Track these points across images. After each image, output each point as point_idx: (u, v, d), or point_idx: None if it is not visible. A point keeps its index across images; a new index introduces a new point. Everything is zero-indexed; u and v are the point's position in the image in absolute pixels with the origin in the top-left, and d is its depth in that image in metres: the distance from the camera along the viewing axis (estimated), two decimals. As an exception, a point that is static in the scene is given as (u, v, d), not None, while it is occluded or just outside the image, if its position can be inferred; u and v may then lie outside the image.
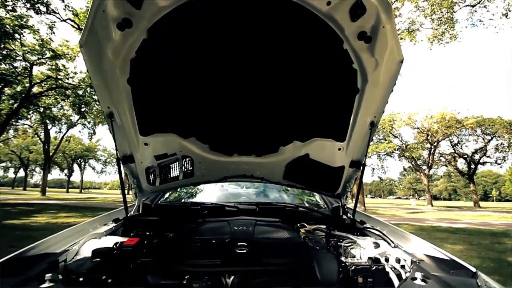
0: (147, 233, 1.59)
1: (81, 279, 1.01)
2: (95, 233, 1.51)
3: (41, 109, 18.85)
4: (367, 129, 1.64)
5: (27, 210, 11.72)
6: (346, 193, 2.08)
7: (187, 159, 1.92)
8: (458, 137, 27.41)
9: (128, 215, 1.86)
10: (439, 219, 12.99)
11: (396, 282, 1.16)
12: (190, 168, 1.98)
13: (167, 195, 2.71)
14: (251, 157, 1.89)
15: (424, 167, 27.57)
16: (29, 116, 20.95)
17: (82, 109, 18.44)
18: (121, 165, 1.77)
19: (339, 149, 1.78)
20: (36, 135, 27.02)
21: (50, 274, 1.01)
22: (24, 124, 23.34)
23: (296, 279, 0.98)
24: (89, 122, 22.35)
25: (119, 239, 1.42)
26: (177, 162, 1.92)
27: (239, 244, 1.24)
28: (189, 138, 1.76)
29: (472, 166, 28.01)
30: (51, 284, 0.98)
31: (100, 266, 1.10)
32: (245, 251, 1.19)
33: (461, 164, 29.49)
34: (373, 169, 30.69)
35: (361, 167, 1.84)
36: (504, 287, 0.99)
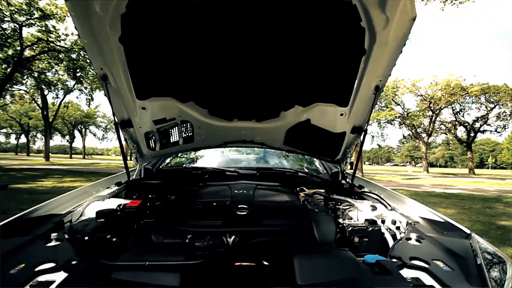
0: (149, 196, 1.62)
1: (86, 238, 1.04)
2: (98, 196, 1.54)
3: (35, 74, 18.33)
4: (371, 93, 1.58)
5: (32, 174, 11.99)
6: (346, 159, 2.09)
7: (186, 124, 1.89)
8: (461, 105, 27.08)
9: (130, 179, 1.88)
10: (433, 185, 13.35)
11: (391, 242, 1.21)
12: (189, 133, 1.96)
13: (168, 160, 2.74)
14: (251, 122, 1.86)
15: (424, 135, 27.64)
16: (24, 81, 20.48)
17: (77, 74, 17.92)
18: (120, 129, 1.75)
19: (341, 114, 1.75)
20: (33, 101, 26.67)
21: (56, 234, 1.04)
22: (20, 90, 22.92)
23: (295, 238, 1.02)
24: (85, 88, 21.89)
25: (122, 201, 1.45)
26: (176, 127, 1.90)
27: (239, 206, 1.27)
28: (188, 102, 1.72)
29: (472, 134, 28.08)
30: (57, 243, 1.01)
31: (104, 226, 1.13)
32: (245, 213, 1.22)
33: (461, 132, 29.54)
34: (373, 136, 30.81)
35: (363, 133, 1.82)
36: (497, 248, 1.03)
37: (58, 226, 1.16)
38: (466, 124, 27.90)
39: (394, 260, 0.95)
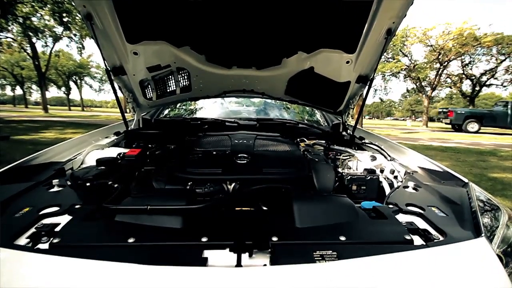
0: (149, 145, 1.62)
1: (88, 184, 1.06)
2: (98, 145, 1.53)
3: (20, 20, 17.05)
4: (382, 38, 1.46)
5: (33, 126, 11.99)
6: (348, 110, 2.04)
7: (183, 72, 1.79)
8: (471, 57, 25.84)
9: (129, 129, 1.86)
10: (431, 139, 13.48)
11: (388, 190, 1.24)
12: (187, 82, 1.87)
13: (166, 111, 2.68)
14: (251, 70, 1.76)
15: (428, 88, 26.97)
16: (9, 28, 19.15)
17: (64, 19, 16.67)
18: (113, 77, 1.66)
19: (347, 62, 1.64)
20: (22, 49, 25.34)
21: (58, 180, 1.05)
22: (7, 37, 21.58)
23: (294, 186, 1.03)
24: (75, 35, 20.59)
25: (122, 150, 1.45)
26: (172, 75, 1.80)
27: (239, 155, 1.27)
28: (183, 47, 1.59)
29: (477, 88, 27.39)
30: (60, 188, 1.02)
31: (105, 174, 1.14)
32: (245, 161, 1.22)
33: (466, 86, 28.74)
34: (376, 90, 30.08)
35: (368, 83, 1.74)
36: (495, 198, 1.05)
37: (60, 173, 1.17)
38: (473, 77, 27.00)
39: (391, 206, 0.97)
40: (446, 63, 24.89)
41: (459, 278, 0.66)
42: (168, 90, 1.90)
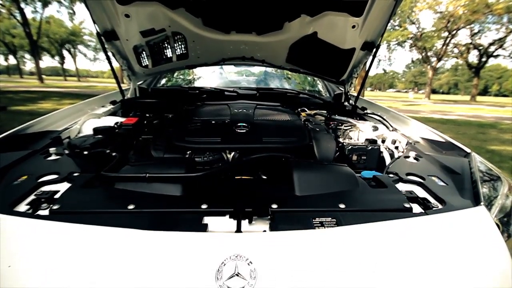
0: (147, 115, 1.58)
1: (85, 152, 1.04)
2: (94, 114, 1.50)
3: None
4: (391, 0, 1.36)
5: (30, 97, 11.79)
6: (351, 79, 1.97)
7: (178, 37, 1.70)
8: (480, 25, 24.70)
9: (125, 98, 1.81)
10: (433, 111, 13.37)
11: (388, 161, 1.23)
12: (183, 48, 1.78)
13: (163, 81, 2.60)
14: (251, 35, 1.66)
15: (434, 59, 26.15)
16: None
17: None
18: (105, 42, 1.57)
19: (353, 26, 1.55)
20: (11, 16, 24.09)
21: (55, 148, 1.03)
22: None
23: (295, 155, 1.02)
24: (64, -1, 19.47)
25: (119, 119, 1.42)
26: (168, 41, 1.71)
27: (239, 124, 1.24)
28: (178, 9, 1.49)
29: (484, 59, 26.55)
30: (58, 157, 1.01)
31: (103, 142, 1.12)
32: (245, 130, 1.20)
33: (473, 57, 27.83)
34: (380, 60, 29.19)
35: (374, 50, 1.65)
36: (498, 169, 1.04)
37: (56, 141, 1.15)
38: (481, 47, 26.04)
39: (391, 175, 0.96)
40: (454, 31, 23.87)
41: (457, 245, 0.67)
42: (164, 57, 1.82)
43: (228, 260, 0.55)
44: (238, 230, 0.67)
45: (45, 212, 0.72)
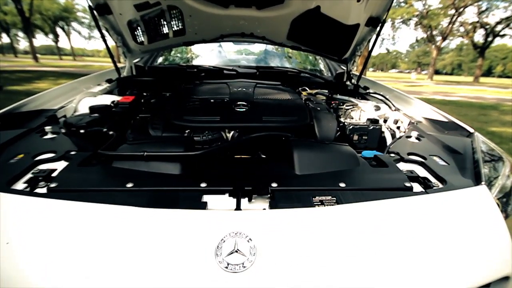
0: (144, 93, 1.54)
1: (82, 131, 1.02)
2: (90, 92, 1.46)
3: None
4: None
5: (26, 76, 11.57)
6: (354, 57, 1.91)
7: (174, 12, 1.62)
8: (488, 3, 23.80)
9: (121, 76, 1.76)
10: (435, 92, 13.21)
11: (390, 141, 1.21)
12: (180, 24, 1.71)
13: (160, 59, 2.53)
14: (251, 9, 1.58)
15: (439, 38, 25.43)
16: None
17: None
18: (97, 17, 1.50)
19: (358, 0, 1.47)
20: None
21: (51, 127, 1.01)
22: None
23: (295, 134, 1.00)
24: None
25: (115, 97, 1.39)
26: (164, 15, 1.64)
27: (238, 103, 1.21)
28: None
29: (490, 39, 25.85)
30: (54, 135, 0.99)
31: (99, 121, 1.10)
32: (244, 109, 1.17)
33: (479, 36, 27.06)
34: (383, 39, 28.40)
35: (379, 26, 1.59)
36: (500, 149, 1.03)
37: (52, 120, 1.13)
38: (487, 26, 25.26)
39: (392, 155, 0.95)
40: (462, 9, 23.05)
41: (458, 223, 0.67)
42: (160, 33, 1.75)
43: (228, 237, 0.55)
44: (238, 208, 0.67)
45: (43, 191, 0.71)
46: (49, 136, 0.99)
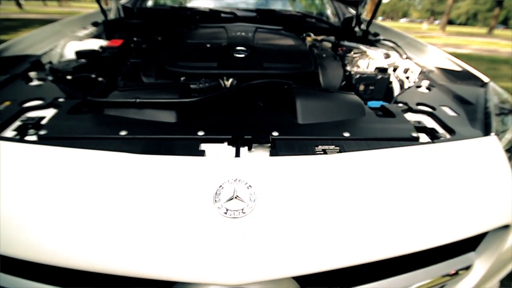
0: (134, 38, 1.42)
1: (69, 77, 0.95)
2: (76, 36, 1.34)
3: None
4: None
5: (11, 25, 10.79)
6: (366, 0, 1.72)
7: None
8: None
9: (108, 19, 1.61)
10: (446, 44, 12.50)
11: (398, 91, 1.15)
12: None
13: (150, 3, 2.30)
14: None
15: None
16: None
17: None
18: None
19: None
20: None
21: (36, 73, 0.94)
22: None
23: (298, 82, 0.94)
24: None
25: (103, 42, 1.28)
26: None
27: (237, 48, 1.12)
28: None
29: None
30: (40, 82, 0.93)
31: (87, 66, 1.02)
32: (244, 55, 1.09)
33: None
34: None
35: None
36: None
37: (36, 65, 1.05)
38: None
39: (400, 105, 0.90)
40: None
41: (465, 173, 0.66)
42: None
43: (227, 184, 0.54)
44: (237, 157, 0.65)
45: (33, 138, 0.68)
46: (36, 82, 0.93)
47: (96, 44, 1.24)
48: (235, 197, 0.51)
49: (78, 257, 0.51)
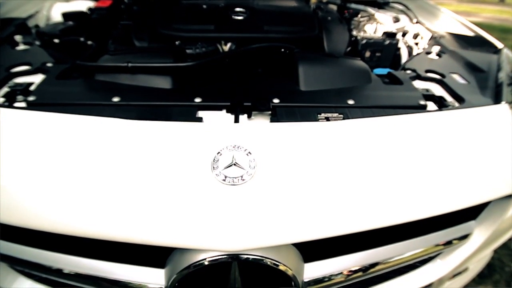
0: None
1: (56, 40, 0.90)
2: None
3: None
4: None
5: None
6: None
7: None
8: None
9: None
10: (455, 11, 11.82)
11: (405, 58, 1.09)
12: None
13: None
14: None
15: None
16: None
17: None
18: None
19: None
20: None
21: (22, 36, 0.89)
22: None
23: (301, 47, 0.88)
24: None
25: (91, 3, 1.19)
26: None
27: (236, 10, 1.04)
28: None
29: None
30: (26, 47, 0.88)
31: (75, 29, 0.96)
32: (243, 17, 1.01)
33: None
34: None
35: None
36: None
37: (22, 29, 0.98)
38: None
39: (408, 71, 0.86)
40: None
41: (471, 141, 0.64)
42: None
43: (225, 150, 0.51)
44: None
45: (22, 105, 0.65)
46: (22, 47, 0.87)
47: (84, 5, 1.15)
48: (234, 164, 0.50)
49: (76, 224, 0.51)
